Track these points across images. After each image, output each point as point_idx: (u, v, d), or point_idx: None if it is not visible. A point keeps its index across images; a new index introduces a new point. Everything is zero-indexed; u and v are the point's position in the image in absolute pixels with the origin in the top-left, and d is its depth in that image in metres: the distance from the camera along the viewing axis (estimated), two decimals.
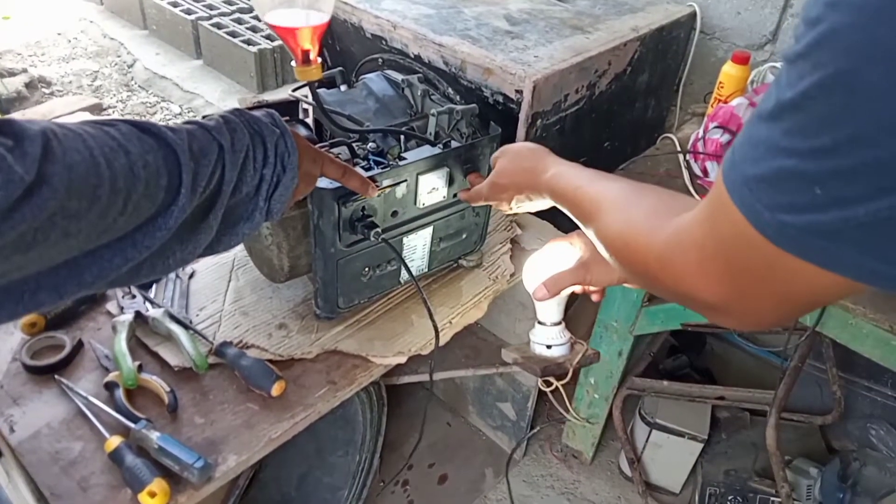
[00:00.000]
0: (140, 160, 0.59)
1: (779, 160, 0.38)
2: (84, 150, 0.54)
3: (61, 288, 0.58)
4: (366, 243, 1.06)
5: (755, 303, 0.46)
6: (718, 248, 0.45)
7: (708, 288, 0.47)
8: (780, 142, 0.38)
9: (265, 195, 0.74)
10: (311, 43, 0.85)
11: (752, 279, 0.44)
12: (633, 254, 0.57)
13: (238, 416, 1.00)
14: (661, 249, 0.52)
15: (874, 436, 1.79)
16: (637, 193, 0.64)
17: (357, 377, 1.08)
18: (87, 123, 0.58)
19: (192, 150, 0.65)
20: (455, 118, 1.14)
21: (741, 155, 0.41)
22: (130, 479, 0.88)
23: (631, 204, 0.63)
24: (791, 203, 0.38)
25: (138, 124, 0.62)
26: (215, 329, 1.12)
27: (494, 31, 1.54)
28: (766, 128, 0.39)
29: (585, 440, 1.85)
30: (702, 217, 0.47)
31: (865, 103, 0.33)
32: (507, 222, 1.41)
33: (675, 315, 1.47)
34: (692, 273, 0.48)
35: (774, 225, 0.39)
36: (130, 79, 3.42)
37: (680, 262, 0.50)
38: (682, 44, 1.82)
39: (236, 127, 0.71)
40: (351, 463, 1.48)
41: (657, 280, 0.53)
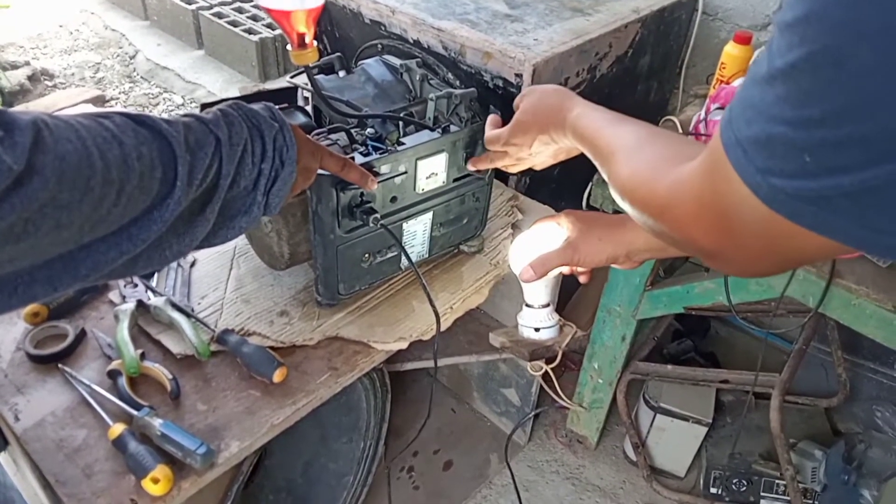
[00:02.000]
0: (134, 151, 0.58)
1: (770, 125, 0.39)
2: (76, 140, 0.54)
3: (56, 281, 0.58)
4: (365, 229, 1.05)
5: (749, 253, 0.48)
6: (715, 201, 0.47)
7: (705, 236, 0.49)
8: (772, 108, 0.38)
9: (263, 189, 0.73)
10: (306, 26, 0.84)
11: (746, 233, 0.45)
12: (639, 199, 0.60)
13: (240, 403, 1.00)
14: (663, 197, 0.54)
15: (879, 418, 1.78)
16: (648, 140, 0.66)
17: (358, 363, 1.09)
18: (81, 115, 0.58)
19: (188, 142, 0.64)
20: (454, 103, 1.14)
21: (736, 115, 0.42)
22: (134, 466, 0.88)
23: (641, 150, 0.65)
24: (781, 168, 0.39)
25: (133, 116, 0.61)
26: (217, 317, 1.12)
27: (494, 15, 1.53)
28: (758, 91, 0.40)
29: (590, 425, 1.85)
30: (700, 170, 0.49)
31: (852, 79, 0.34)
32: (508, 207, 1.40)
33: (678, 299, 1.46)
34: (690, 222, 0.50)
35: (766, 187, 0.40)
36: (132, 70, 3.42)
37: (680, 210, 0.52)
38: (684, 25, 1.80)
39: (234, 120, 0.70)
40: (355, 449, 1.48)
41: (659, 224, 0.56)
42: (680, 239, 0.53)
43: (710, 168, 0.47)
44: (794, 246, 0.44)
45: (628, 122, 0.75)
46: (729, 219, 0.46)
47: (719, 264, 0.53)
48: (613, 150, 0.70)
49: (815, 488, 1.66)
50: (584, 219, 0.91)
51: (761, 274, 0.52)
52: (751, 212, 0.42)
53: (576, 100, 0.87)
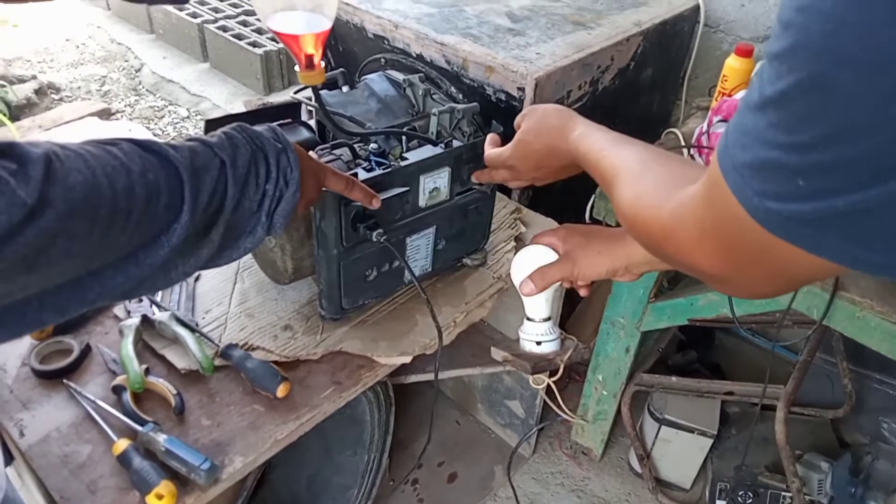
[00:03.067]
0: (141, 179, 0.59)
1: (765, 150, 0.40)
2: (85, 170, 0.55)
3: (64, 307, 0.59)
4: (369, 244, 1.06)
5: (751, 276, 0.49)
6: (715, 226, 0.48)
7: (707, 261, 0.50)
8: (765, 133, 0.39)
9: (267, 210, 0.74)
10: (314, 48, 0.85)
11: (746, 256, 0.46)
12: (641, 224, 0.61)
13: (244, 418, 1.01)
14: (665, 222, 0.55)
15: (886, 429, 1.77)
16: (650, 163, 0.67)
17: (362, 377, 1.09)
18: (89, 143, 0.59)
19: (194, 166, 0.65)
20: (456, 117, 1.15)
21: (732, 141, 0.43)
22: (138, 482, 0.89)
23: (643, 174, 0.66)
24: (777, 192, 0.40)
25: (140, 143, 0.62)
26: (221, 331, 1.13)
27: (496, 29, 1.54)
28: (752, 118, 0.41)
29: (595, 437, 1.85)
30: (700, 195, 0.50)
31: (839, 105, 0.35)
32: (512, 220, 1.41)
33: (682, 311, 1.46)
34: (692, 247, 0.52)
35: (763, 210, 0.41)
36: (138, 83, 3.45)
37: (682, 235, 0.53)
38: (685, 37, 1.81)
39: (238, 143, 0.71)
40: (360, 462, 1.48)
41: (662, 250, 0.57)
42: (684, 264, 0.54)
43: (709, 193, 0.48)
44: (794, 267, 0.44)
45: (630, 143, 0.76)
46: (730, 243, 0.47)
47: (723, 288, 0.53)
48: (616, 173, 0.70)
49: (821, 500, 1.65)
50: (583, 232, 0.92)
51: (766, 296, 0.53)
52: (750, 235, 0.43)
53: (577, 119, 0.88)
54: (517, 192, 1.51)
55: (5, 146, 0.50)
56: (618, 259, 0.87)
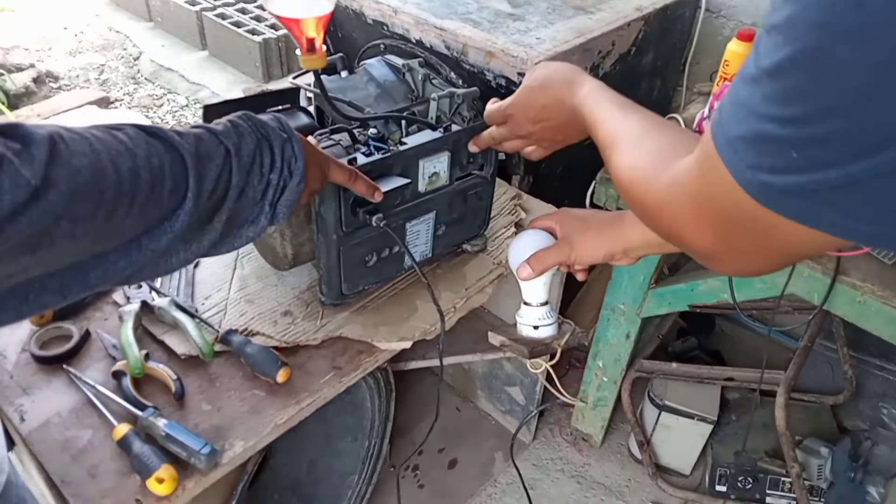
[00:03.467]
0: (146, 164, 0.59)
1: (759, 124, 0.40)
2: (90, 153, 0.54)
3: (66, 290, 0.59)
4: (368, 229, 1.06)
5: (743, 252, 0.49)
6: (709, 201, 0.48)
7: (699, 236, 0.50)
8: (760, 107, 0.40)
9: (271, 200, 0.74)
10: (315, 32, 0.84)
11: (739, 231, 0.46)
12: (636, 195, 0.60)
13: (244, 403, 1.01)
14: (659, 194, 0.55)
15: (886, 415, 1.78)
16: (651, 131, 0.66)
17: (362, 363, 1.09)
18: (94, 127, 0.58)
19: (199, 154, 0.65)
20: (456, 102, 1.14)
21: (727, 114, 0.43)
22: (139, 466, 0.89)
23: (642, 142, 0.65)
24: (771, 165, 0.40)
25: (146, 128, 0.62)
26: (221, 317, 1.13)
27: (496, 14, 1.53)
28: (747, 90, 0.41)
29: (595, 423, 1.85)
30: (694, 169, 0.50)
31: (831, 77, 0.35)
32: (512, 206, 1.40)
33: (683, 296, 1.46)
34: (685, 221, 0.51)
35: (756, 184, 0.41)
36: (137, 71, 3.43)
37: (674, 209, 0.52)
38: (687, 22, 1.80)
39: (244, 131, 0.71)
40: (360, 448, 1.49)
41: (654, 221, 0.57)
42: (675, 237, 0.54)
43: (703, 167, 0.48)
44: (787, 241, 0.45)
45: (635, 110, 0.74)
46: (723, 218, 0.47)
47: (715, 264, 0.53)
48: (616, 139, 0.69)
49: (821, 485, 1.65)
50: (580, 216, 0.91)
51: (757, 272, 0.53)
52: (744, 210, 0.43)
53: (587, 77, 0.85)
54: (517, 178, 1.51)
55: (8, 127, 0.50)
56: (614, 243, 0.87)
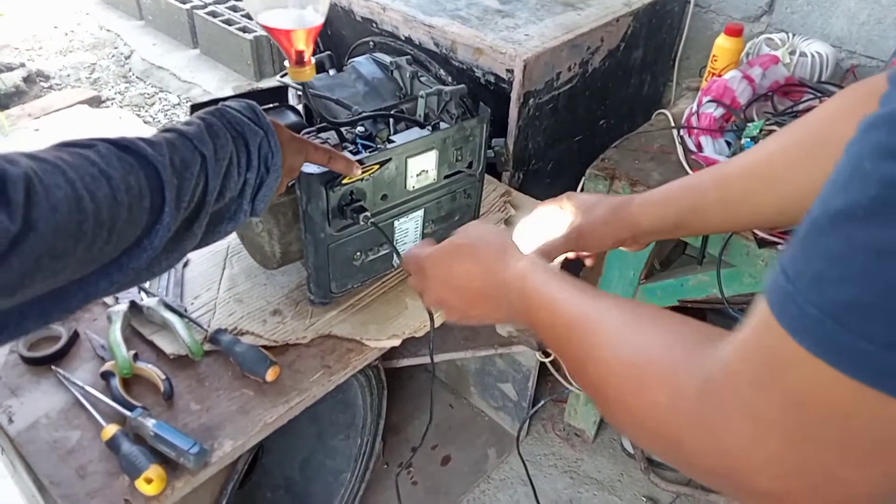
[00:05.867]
0: (122, 184, 0.57)
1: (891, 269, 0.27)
2: (65, 185, 0.52)
3: (47, 315, 0.58)
4: (356, 228, 1.06)
5: (843, 488, 0.32)
6: (783, 415, 0.32)
7: (761, 469, 0.34)
8: (887, 240, 0.27)
9: (249, 197, 0.73)
10: (305, 44, 0.83)
11: (846, 454, 0.31)
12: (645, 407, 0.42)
13: (233, 402, 1.01)
14: (693, 406, 0.37)
15: None
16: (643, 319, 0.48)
17: (352, 361, 1.09)
18: (64, 149, 0.56)
19: (174, 164, 0.63)
20: (444, 99, 1.14)
21: (813, 276, 0.30)
22: (127, 466, 0.89)
23: (635, 333, 0.46)
24: None
25: (117, 143, 0.60)
26: (210, 317, 1.13)
27: (485, 11, 1.53)
28: (849, 230, 0.28)
29: (587, 418, 1.86)
30: (748, 373, 0.34)
31: None
32: (501, 203, 1.41)
33: (673, 291, 1.47)
34: (739, 445, 0.34)
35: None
36: (128, 70, 3.42)
37: (721, 426, 0.35)
38: (676, 18, 1.80)
39: (218, 132, 0.69)
40: (352, 446, 1.49)
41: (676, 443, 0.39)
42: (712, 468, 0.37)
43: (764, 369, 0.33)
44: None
45: (596, 292, 0.55)
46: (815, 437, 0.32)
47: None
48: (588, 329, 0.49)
49: None
50: (588, 202, 0.87)
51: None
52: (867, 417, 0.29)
53: (516, 248, 0.69)
54: (507, 175, 1.51)
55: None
56: (624, 228, 0.83)
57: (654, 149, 1.41)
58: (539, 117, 1.47)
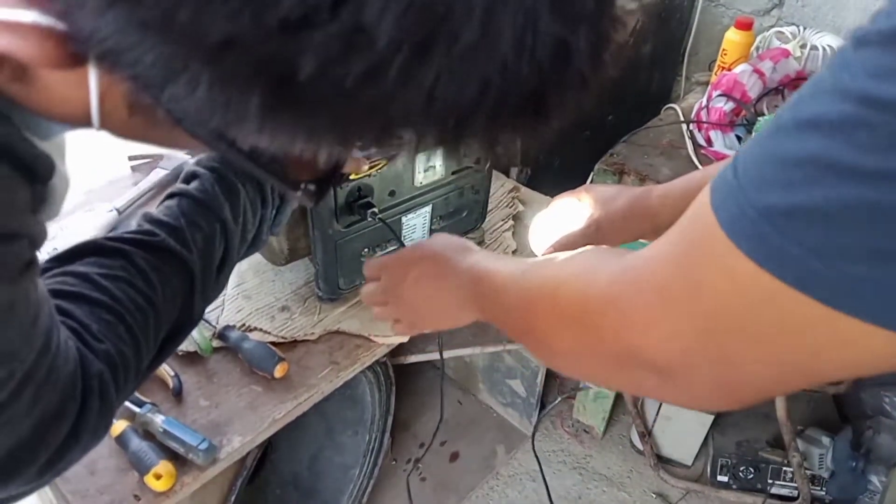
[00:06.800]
0: (163, 306, 0.57)
1: (845, 184, 0.28)
2: (127, 337, 0.53)
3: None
4: (364, 224, 1.05)
5: (738, 371, 0.35)
6: (693, 295, 0.35)
7: (663, 343, 0.37)
8: (847, 157, 0.27)
9: (267, 228, 0.72)
10: None
11: (748, 341, 0.33)
12: (564, 298, 0.45)
13: (242, 399, 1.01)
14: (603, 289, 0.41)
15: (888, 403, 1.77)
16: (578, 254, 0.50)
17: (360, 357, 1.09)
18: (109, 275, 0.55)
19: (200, 250, 0.61)
20: None
21: (757, 177, 0.31)
22: (137, 462, 0.89)
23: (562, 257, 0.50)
24: (866, 247, 0.28)
25: (146, 245, 0.58)
26: (218, 313, 1.13)
27: None
28: (809, 139, 0.29)
29: (596, 415, 1.85)
30: (669, 253, 0.37)
31: None
32: (509, 199, 1.40)
33: None
34: (643, 321, 0.37)
35: (829, 277, 0.29)
36: None
37: (628, 305, 0.39)
38: (685, 12, 1.79)
39: (231, 185, 0.65)
40: (361, 442, 1.49)
41: (592, 331, 0.42)
42: (620, 350, 0.40)
43: (689, 251, 0.35)
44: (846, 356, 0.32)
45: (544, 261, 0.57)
46: (715, 320, 0.34)
47: (675, 388, 0.38)
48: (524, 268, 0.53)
49: (822, 475, 1.65)
50: (607, 194, 0.83)
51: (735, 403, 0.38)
52: (776, 312, 0.31)
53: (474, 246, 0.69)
54: (515, 171, 1.51)
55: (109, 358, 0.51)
56: (643, 220, 0.80)
57: (663, 144, 1.40)
58: None
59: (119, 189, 1.36)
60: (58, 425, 0.46)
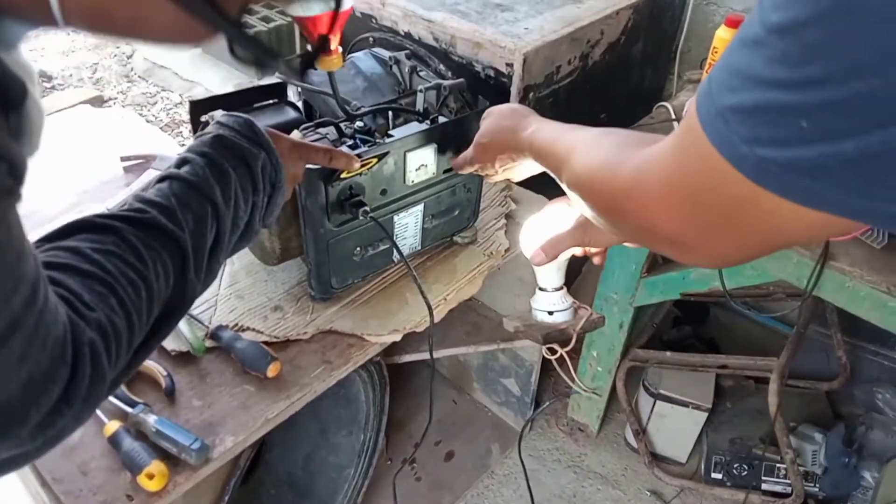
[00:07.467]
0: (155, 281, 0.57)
1: (760, 91, 0.36)
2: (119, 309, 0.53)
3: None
4: (356, 223, 1.06)
5: (721, 239, 0.45)
6: (685, 181, 0.44)
7: (672, 221, 0.46)
8: (763, 71, 0.35)
9: (259, 217, 0.73)
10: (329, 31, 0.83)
11: (721, 215, 0.42)
12: (600, 186, 0.56)
13: (235, 398, 1.01)
14: (627, 179, 0.51)
15: (880, 400, 1.78)
16: (606, 133, 0.63)
17: (352, 356, 1.09)
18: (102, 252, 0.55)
19: (191, 228, 0.62)
20: (443, 94, 1.14)
21: (718, 83, 0.39)
22: (129, 462, 0.89)
23: (599, 142, 0.61)
24: (772, 137, 0.36)
25: (137, 222, 0.58)
26: (211, 313, 1.13)
27: (484, 5, 1.52)
28: (746, 55, 0.37)
29: (591, 413, 1.85)
30: (671, 147, 0.46)
31: (864, 30, 0.31)
32: (502, 198, 1.40)
33: (675, 285, 1.46)
34: (657, 205, 0.47)
35: (753, 160, 0.37)
36: (130, 69, 3.43)
37: (645, 192, 0.48)
38: (677, 10, 1.79)
39: (222, 168, 0.67)
40: (355, 442, 1.49)
41: (622, 213, 0.52)
42: (644, 226, 0.50)
43: (680, 145, 0.44)
44: (777, 225, 0.40)
45: (585, 127, 0.71)
46: (701, 200, 0.43)
47: (688, 254, 0.49)
48: (570, 149, 0.66)
49: (815, 471, 1.66)
50: None
51: (735, 261, 0.48)
52: (729, 190, 0.39)
53: (532, 117, 0.86)
54: None
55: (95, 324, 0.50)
56: None
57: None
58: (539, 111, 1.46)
59: (111, 190, 1.36)
60: (47, 388, 0.46)
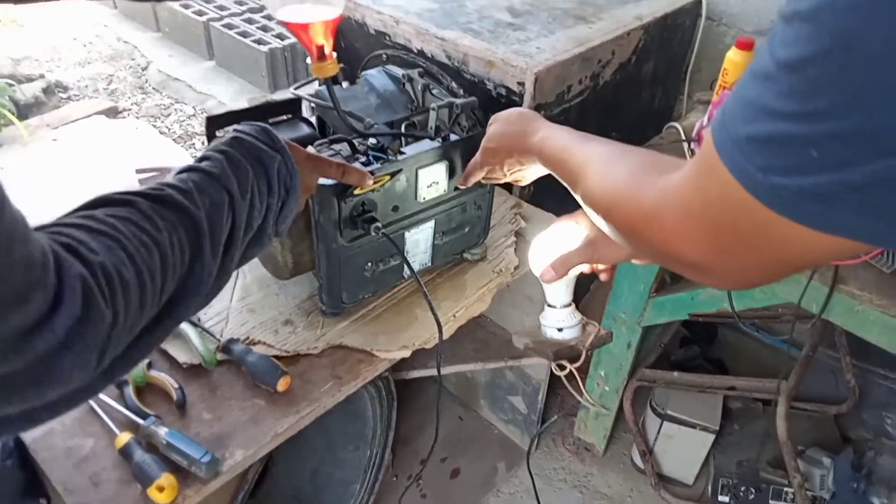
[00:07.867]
0: (169, 248, 0.58)
1: (772, 122, 0.38)
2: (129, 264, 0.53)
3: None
4: (367, 238, 1.07)
5: (741, 264, 0.46)
6: (706, 209, 0.45)
7: (693, 248, 0.48)
8: (774, 104, 0.37)
9: (272, 221, 0.74)
10: (324, 38, 0.84)
11: (740, 240, 0.44)
12: (620, 212, 0.58)
13: (245, 412, 1.02)
14: (648, 208, 0.52)
15: (889, 424, 1.77)
16: (623, 152, 0.65)
17: (362, 372, 1.09)
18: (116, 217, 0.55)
19: (207, 210, 0.63)
20: (455, 112, 1.15)
21: (732, 114, 0.41)
22: (140, 475, 0.90)
23: (617, 162, 0.62)
24: (785, 166, 0.38)
25: (154, 197, 0.60)
26: (223, 326, 1.14)
27: (496, 24, 1.54)
28: (759, 88, 0.39)
29: (597, 433, 1.85)
30: (690, 176, 0.48)
31: (863, 67, 0.33)
32: (512, 215, 1.41)
33: (683, 305, 1.46)
34: (678, 233, 0.49)
35: (767, 187, 0.39)
36: (145, 81, 3.47)
37: (666, 221, 0.50)
38: (688, 31, 1.81)
39: (239, 164, 0.69)
40: (362, 458, 1.49)
41: (643, 238, 0.54)
42: (666, 252, 0.51)
43: (699, 173, 0.46)
44: (794, 248, 0.42)
45: (597, 139, 0.73)
46: (721, 226, 0.45)
47: (709, 277, 0.51)
48: (585, 166, 0.67)
49: (823, 496, 1.65)
50: None
51: (755, 284, 0.50)
52: (747, 216, 0.41)
53: (539, 122, 0.87)
54: (518, 188, 1.52)
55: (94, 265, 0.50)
56: None
57: None
58: None
59: None
60: (20, 308, 0.44)
